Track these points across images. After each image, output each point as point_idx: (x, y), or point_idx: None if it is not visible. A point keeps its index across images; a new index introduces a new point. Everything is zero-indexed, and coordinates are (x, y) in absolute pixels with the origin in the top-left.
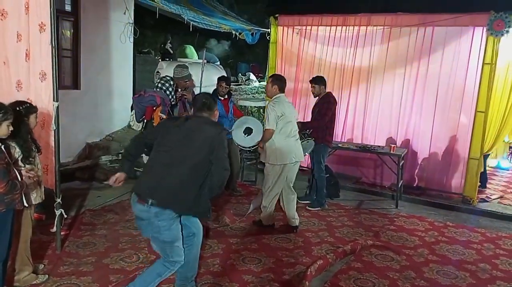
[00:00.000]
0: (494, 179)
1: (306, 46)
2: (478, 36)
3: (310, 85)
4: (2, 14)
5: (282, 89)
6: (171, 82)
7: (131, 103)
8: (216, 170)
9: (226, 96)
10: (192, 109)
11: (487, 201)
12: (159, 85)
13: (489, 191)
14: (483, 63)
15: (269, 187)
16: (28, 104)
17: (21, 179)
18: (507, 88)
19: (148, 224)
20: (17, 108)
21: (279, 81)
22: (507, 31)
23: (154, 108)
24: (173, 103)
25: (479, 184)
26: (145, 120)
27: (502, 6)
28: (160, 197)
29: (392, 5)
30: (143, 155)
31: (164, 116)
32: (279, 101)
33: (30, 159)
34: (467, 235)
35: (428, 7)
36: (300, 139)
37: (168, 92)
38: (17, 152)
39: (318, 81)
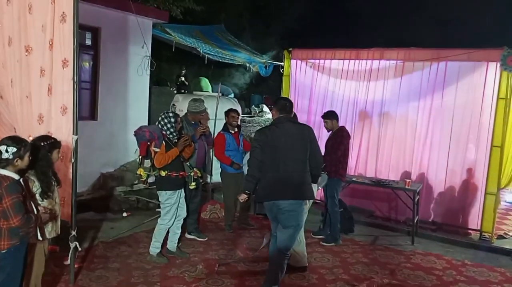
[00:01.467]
0: (511, 214)
1: (319, 79)
2: (492, 71)
3: (322, 120)
4: (27, 50)
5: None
6: (172, 120)
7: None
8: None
9: (236, 129)
10: (274, 111)
11: (505, 238)
12: (159, 119)
13: (507, 227)
14: (498, 98)
15: None
16: (52, 140)
17: (37, 212)
18: None
19: (297, 214)
20: (42, 143)
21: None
22: None
23: (148, 143)
24: (174, 138)
25: None
26: (141, 157)
27: None
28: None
29: (405, 40)
30: None
31: (158, 150)
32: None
33: (49, 193)
34: (486, 274)
35: (441, 42)
36: None
37: (165, 128)
38: (35, 185)
39: (329, 116)
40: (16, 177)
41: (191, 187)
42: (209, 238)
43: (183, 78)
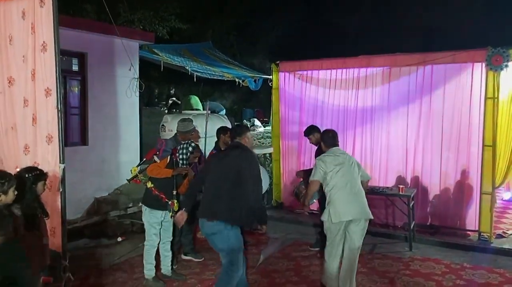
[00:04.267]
0: (509, 213)
1: (308, 90)
2: (478, 71)
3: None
4: (10, 81)
5: (330, 144)
6: (190, 149)
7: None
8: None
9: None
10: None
11: (504, 237)
12: (183, 142)
13: (505, 225)
14: (486, 98)
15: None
16: (38, 172)
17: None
18: None
19: (220, 236)
20: (26, 175)
21: (323, 135)
22: (506, 65)
23: (157, 152)
24: (181, 162)
25: None
26: (144, 159)
27: (499, 41)
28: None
29: (389, 49)
30: None
31: (157, 160)
32: (322, 158)
33: (34, 226)
34: (486, 276)
35: (425, 46)
36: (305, 186)
37: (180, 151)
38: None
39: (310, 131)
40: None
41: (170, 215)
42: (205, 258)
43: (174, 98)
